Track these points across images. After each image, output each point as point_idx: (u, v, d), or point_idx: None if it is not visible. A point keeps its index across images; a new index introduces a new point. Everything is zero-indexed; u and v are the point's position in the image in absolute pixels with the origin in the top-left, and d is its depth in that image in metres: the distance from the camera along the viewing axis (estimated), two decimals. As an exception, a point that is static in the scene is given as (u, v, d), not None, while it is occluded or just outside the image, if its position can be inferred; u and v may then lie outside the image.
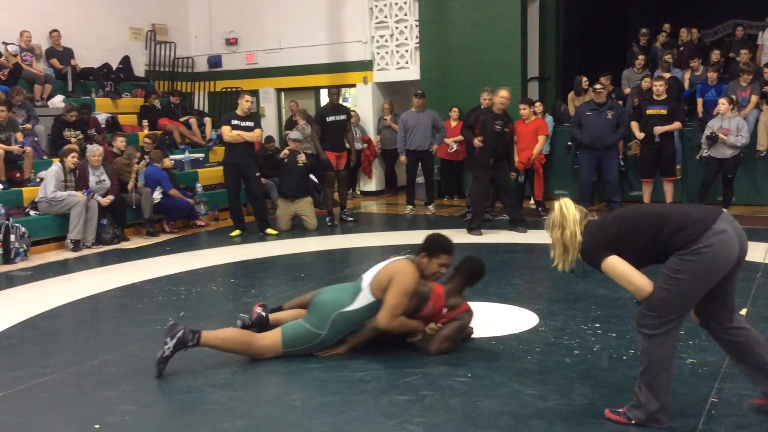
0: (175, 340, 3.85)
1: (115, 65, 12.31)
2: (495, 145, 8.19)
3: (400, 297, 3.97)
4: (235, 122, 8.34)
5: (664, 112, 8.98)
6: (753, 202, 9.65)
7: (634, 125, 9.31)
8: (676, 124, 9.01)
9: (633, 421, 3.09)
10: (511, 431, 3.13)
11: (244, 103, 8.42)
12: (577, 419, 3.23)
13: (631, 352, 4.02)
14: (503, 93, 8.28)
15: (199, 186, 10.08)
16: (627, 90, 10.62)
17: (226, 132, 8.34)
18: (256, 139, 8.59)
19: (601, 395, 3.49)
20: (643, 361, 3.05)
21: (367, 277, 4.17)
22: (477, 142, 8.16)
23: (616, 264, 2.99)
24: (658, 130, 8.93)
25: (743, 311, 4.71)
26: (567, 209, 3.12)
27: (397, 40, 12.07)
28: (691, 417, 3.22)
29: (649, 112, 9.05)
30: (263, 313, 4.49)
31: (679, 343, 3.21)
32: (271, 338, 4.06)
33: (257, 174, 8.78)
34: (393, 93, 12.41)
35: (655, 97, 9.08)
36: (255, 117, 8.73)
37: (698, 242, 2.88)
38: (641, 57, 10.77)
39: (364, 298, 4.08)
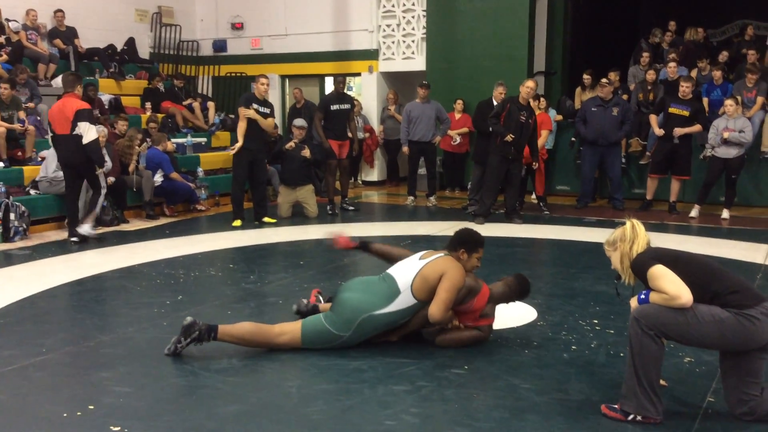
0: (189, 340, 3.84)
1: (120, 46, 12.26)
2: (518, 136, 8.17)
3: (453, 292, 3.92)
4: (255, 106, 8.20)
5: (686, 113, 8.90)
6: (755, 204, 9.62)
7: (653, 119, 9.25)
8: (697, 127, 8.91)
9: (629, 418, 3.09)
10: (507, 424, 3.13)
11: (260, 87, 8.25)
12: (573, 414, 3.22)
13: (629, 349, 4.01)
14: (530, 83, 8.29)
15: (200, 170, 10.05)
16: (632, 87, 10.58)
17: (243, 111, 8.15)
18: (269, 127, 8.52)
19: (597, 391, 3.49)
20: (634, 346, 3.06)
21: (401, 276, 4.00)
22: (509, 137, 8.10)
23: (665, 269, 3.04)
24: (678, 132, 8.85)
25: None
26: (639, 227, 3.24)
27: (404, 29, 12.01)
28: (688, 416, 3.21)
29: (672, 110, 8.96)
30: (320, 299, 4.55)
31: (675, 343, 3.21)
32: (290, 335, 3.94)
33: (266, 161, 8.69)
34: (398, 83, 12.37)
35: (680, 96, 9.00)
36: (270, 104, 8.59)
37: (753, 309, 2.96)
38: (646, 54, 10.73)
39: (403, 301, 3.94)
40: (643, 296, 3.13)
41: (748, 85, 9.51)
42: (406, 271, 4.03)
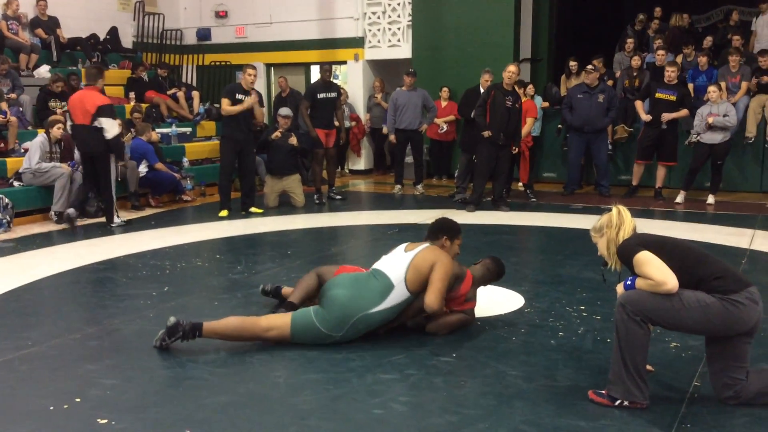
0: (173, 339, 3.80)
1: (102, 36, 12.13)
2: (505, 122, 8.16)
3: (446, 280, 3.91)
4: (239, 96, 8.12)
5: (673, 98, 8.92)
6: (740, 189, 9.69)
7: (639, 105, 9.27)
8: (684, 112, 8.93)
9: (616, 403, 3.11)
10: (495, 411, 3.13)
11: (247, 78, 8.12)
12: (561, 400, 3.23)
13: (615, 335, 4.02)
14: (511, 68, 8.29)
15: (185, 160, 9.98)
16: (618, 73, 10.60)
17: (225, 105, 8.06)
18: (259, 114, 8.45)
19: (584, 377, 3.50)
20: (620, 332, 3.08)
21: (393, 270, 3.92)
22: (487, 134, 8.15)
23: (651, 256, 3.05)
24: (666, 117, 8.86)
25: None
26: (625, 213, 3.26)
27: (390, 17, 11.95)
28: (675, 401, 3.23)
29: (658, 96, 8.98)
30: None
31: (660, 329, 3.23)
32: (279, 330, 3.83)
33: (254, 150, 8.66)
34: (384, 71, 12.32)
35: (666, 81, 9.02)
36: (259, 93, 8.51)
37: (738, 294, 2.99)
38: (630, 40, 10.74)
39: (398, 295, 3.87)
40: (629, 282, 3.14)
41: (732, 70, 9.55)
42: (396, 265, 3.96)
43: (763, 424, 3.00)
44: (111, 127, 7.26)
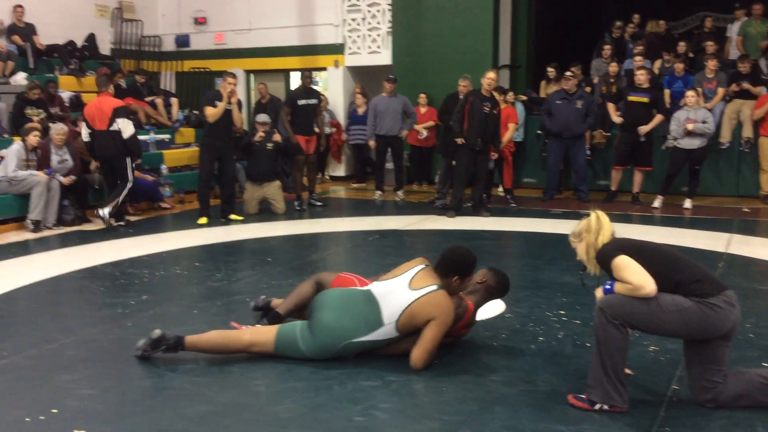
0: (156, 350, 3.75)
1: (80, 42, 12.03)
2: (483, 127, 8.22)
3: (438, 341, 3.70)
4: (219, 103, 8.06)
5: (645, 100, 9.00)
6: (715, 193, 9.80)
7: (611, 107, 9.35)
8: (659, 118, 9.01)
9: (596, 407, 3.13)
10: (476, 417, 3.14)
11: (227, 86, 8.06)
12: (541, 405, 3.24)
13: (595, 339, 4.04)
14: (490, 74, 8.37)
15: (164, 167, 9.90)
16: (596, 80, 10.69)
17: (209, 111, 8.04)
18: (238, 119, 8.45)
19: (564, 381, 3.52)
20: (599, 336, 3.10)
21: (388, 307, 3.71)
22: (460, 141, 8.23)
23: (629, 260, 3.08)
24: (643, 130, 8.92)
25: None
26: (604, 218, 3.29)
27: (369, 23, 11.97)
28: (653, 404, 3.25)
29: (631, 98, 9.07)
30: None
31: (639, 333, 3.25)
32: (262, 347, 3.77)
33: (234, 157, 8.62)
34: (364, 77, 12.33)
35: (636, 84, 9.11)
36: (239, 100, 8.50)
37: (715, 298, 3.02)
38: (607, 47, 10.85)
39: (384, 333, 3.72)
40: (608, 286, 3.16)
41: (708, 75, 9.66)
42: (393, 302, 3.71)
43: (740, 427, 3.03)
44: (126, 127, 7.64)
